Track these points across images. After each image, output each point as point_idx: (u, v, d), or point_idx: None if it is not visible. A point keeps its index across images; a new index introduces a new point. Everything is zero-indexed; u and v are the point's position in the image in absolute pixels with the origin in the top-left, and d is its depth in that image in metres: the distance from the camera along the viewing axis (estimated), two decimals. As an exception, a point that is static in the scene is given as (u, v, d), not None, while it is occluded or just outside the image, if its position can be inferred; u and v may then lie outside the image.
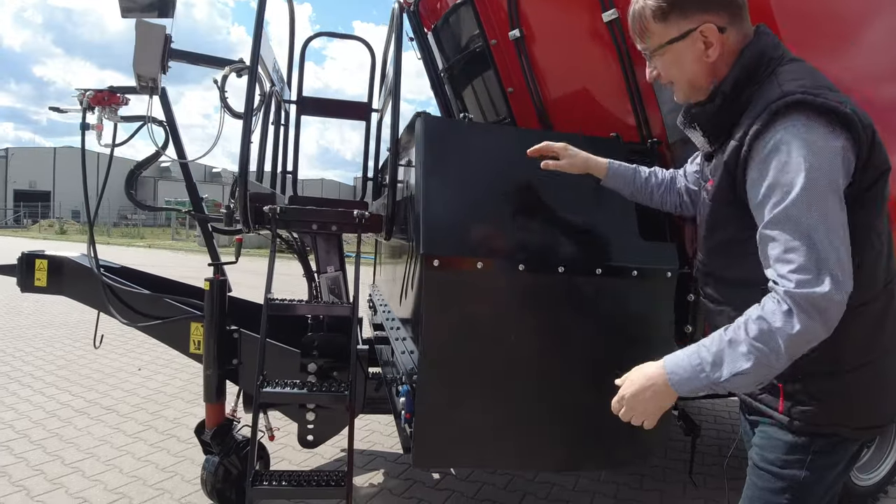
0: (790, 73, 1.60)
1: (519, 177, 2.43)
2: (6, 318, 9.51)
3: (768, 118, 1.52)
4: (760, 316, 1.45)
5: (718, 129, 1.73)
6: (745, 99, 1.65)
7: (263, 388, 2.79)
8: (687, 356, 1.55)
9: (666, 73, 1.79)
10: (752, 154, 1.55)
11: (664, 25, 1.70)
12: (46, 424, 4.87)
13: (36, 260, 3.71)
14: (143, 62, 2.89)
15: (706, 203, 1.79)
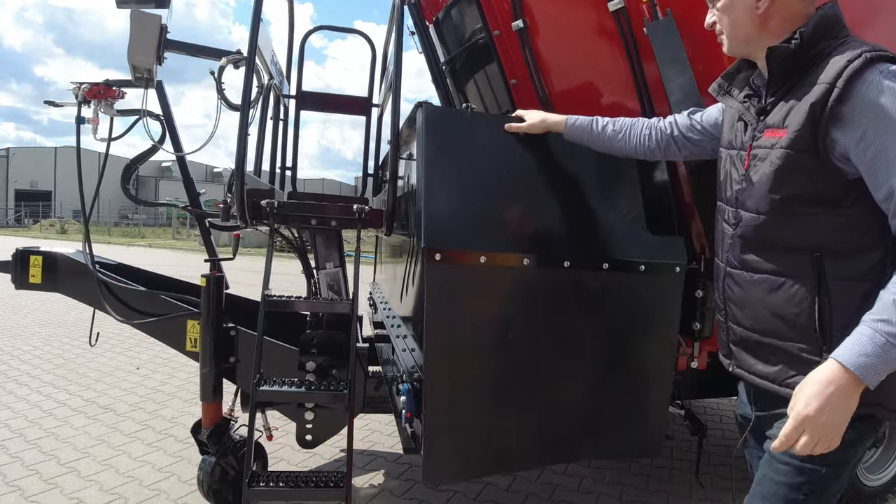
0: (866, 42, 1.59)
1: (523, 168, 2.37)
2: (5, 317, 9.47)
3: (865, 62, 1.48)
4: None
5: (788, 73, 1.67)
6: (820, 50, 1.62)
7: (260, 387, 2.73)
8: (867, 339, 1.38)
9: (720, 20, 1.79)
10: (849, 98, 1.48)
11: None
12: (42, 423, 4.81)
13: (31, 256, 3.65)
14: (137, 52, 2.83)
15: (771, 154, 1.65)
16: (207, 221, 3.52)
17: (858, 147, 1.48)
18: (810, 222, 1.60)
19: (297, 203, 2.98)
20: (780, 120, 1.64)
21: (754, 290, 1.74)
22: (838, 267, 1.58)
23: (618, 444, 2.55)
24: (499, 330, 2.28)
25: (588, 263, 2.30)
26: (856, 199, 1.54)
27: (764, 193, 1.67)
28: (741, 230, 1.77)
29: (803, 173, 1.59)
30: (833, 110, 1.50)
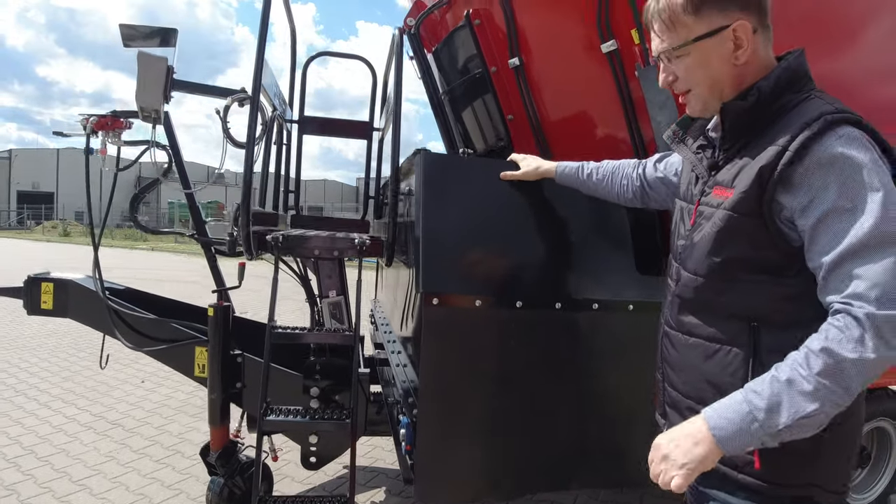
0: (833, 98, 1.50)
1: (516, 213, 2.47)
2: (10, 327, 9.57)
3: (824, 126, 1.39)
4: (825, 347, 1.29)
5: (743, 129, 1.57)
6: (781, 105, 1.52)
7: (267, 417, 2.84)
8: (732, 404, 1.37)
9: (686, 77, 1.62)
10: (801, 162, 1.39)
11: (695, 19, 1.55)
12: (53, 440, 4.92)
13: (42, 283, 3.76)
14: (145, 94, 2.94)
15: (716, 214, 1.57)
16: (213, 248, 3.63)
17: (804, 214, 1.40)
18: (750, 290, 1.53)
19: (301, 236, 3.08)
20: (729, 179, 1.56)
21: (690, 355, 1.68)
22: (775, 339, 1.49)
23: (610, 473, 2.65)
24: (493, 368, 2.38)
25: (578, 304, 2.40)
26: (800, 269, 1.46)
27: (704, 255, 1.62)
28: (680, 290, 1.72)
29: (746, 238, 1.51)
30: (782, 174, 1.42)
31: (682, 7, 1.55)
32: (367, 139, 4.46)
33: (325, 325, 3.24)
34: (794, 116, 1.47)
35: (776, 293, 1.50)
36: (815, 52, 1.69)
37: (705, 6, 1.53)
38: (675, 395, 1.74)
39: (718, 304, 1.60)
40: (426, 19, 3.76)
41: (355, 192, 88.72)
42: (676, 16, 1.56)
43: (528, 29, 3.10)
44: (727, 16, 1.53)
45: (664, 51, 1.62)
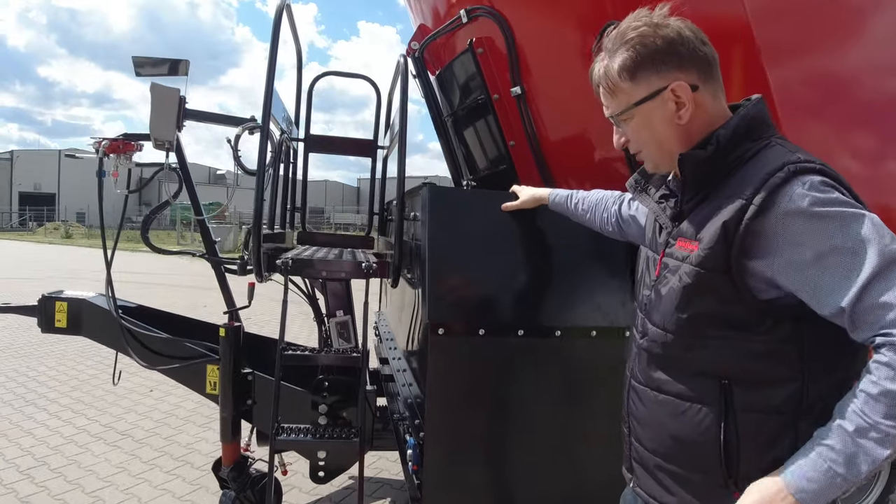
0: (797, 147, 1.48)
1: (517, 244, 2.59)
2: (17, 333, 9.66)
3: (788, 176, 1.36)
4: (883, 390, 1.21)
5: (702, 180, 1.56)
6: (740, 154, 1.51)
7: (279, 436, 2.95)
8: (809, 463, 1.28)
9: (635, 139, 1.65)
10: (769, 216, 1.37)
11: (632, 84, 1.56)
12: (65, 451, 5.02)
13: (56, 302, 3.86)
14: (159, 126, 3.04)
15: (681, 269, 1.55)
16: (223, 267, 3.73)
17: (790, 268, 1.36)
18: (720, 346, 1.49)
19: (309, 259, 3.18)
20: (693, 231, 1.53)
21: (658, 411, 1.64)
22: (747, 397, 1.47)
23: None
24: (497, 394, 2.50)
25: (577, 332, 2.51)
26: (770, 326, 1.43)
27: (671, 310, 1.58)
28: (647, 344, 1.68)
29: (713, 293, 1.48)
30: (749, 228, 1.39)
31: (618, 74, 1.57)
32: (371, 157, 4.56)
33: (333, 344, 3.33)
34: (755, 165, 1.46)
35: (746, 350, 1.46)
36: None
37: (641, 70, 1.54)
38: (643, 451, 1.71)
39: (687, 360, 1.57)
40: (430, 44, 3.85)
41: (356, 192, 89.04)
42: (615, 82, 1.58)
43: (530, 58, 3.20)
44: (664, 77, 1.53)
45: (610, 115, 1.66)
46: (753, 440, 1.46)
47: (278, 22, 3.01)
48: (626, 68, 1.55)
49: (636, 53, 1.53)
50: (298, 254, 3.46)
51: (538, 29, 3.19)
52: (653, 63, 1.53)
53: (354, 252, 4.08)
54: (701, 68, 1.54)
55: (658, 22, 1.54)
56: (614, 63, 1.57)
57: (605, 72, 1.60)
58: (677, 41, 1.52)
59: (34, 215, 59.65)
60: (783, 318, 1.43)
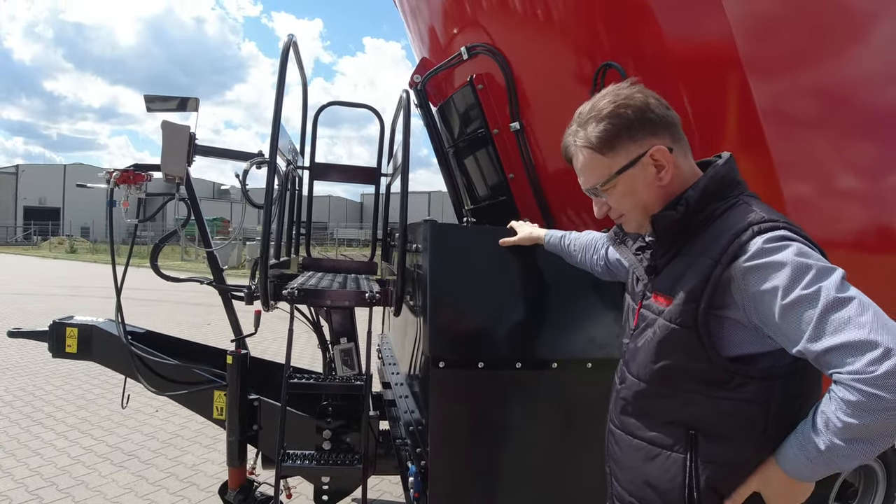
0: (763, 206, 1.59)
1: (516, 277, 2.68)
2: (23, 351, 9.70)
3: (753, 236, 1.47)
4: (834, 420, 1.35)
5: (675, 238, 1.66)
6: (709, 213, 1.61)
7: (285, 463, 3.04)
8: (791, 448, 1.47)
9: (618, 205, 1.72)
10: (735, 272, 1.47)
11: (612, 155, 1.64)
12: (72, 471, 5.10)
13: (66, 328, 3.95)
14: (170, 162, 3.15)
15: (655, 322, 1.66)
16: (230, 294, 3.82)
17: (759, 318, 1.46)
18: (688, 400, 1.58)
19: (314, 289, 3.28)
20: (668, 286, 1.64)
21: (632, 456, 1.74)
22: (713, 450, 1.57)
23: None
24: (498, 425, 2.58)
25: (574, 364, 2.60)
26: (737, 385, 1.53)
27: (645, 361, 1.68)
28: (623, 391, 1.79)
29: (683, 349, 1.57)
30: (716, 285, 1.50)
31: (597, 148, 1.65)
32: (374, 184, 4.66)
33: (337, 371, 3.42)
34: (723, 225, 1.56)
35: (713, 406, 1.56)
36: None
37: (618, 141, 1.63)
38: (620, 490, 1.81)
39: (659, 409, 1.67)
40: (432, 77, 3.96)
41: (360, 207, 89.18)
42: (593, 157, 1.66)
43: (529, 94, 3.30)
44: (641, 144, 1.62)
45: (591, 188, 1.74)
46: (714, 490, 1.57)
47: (285, 59, 3.12)
48: (603, 140, 1.64)
49: (612, 125, 1.62)
50: (304, 282, 3.56)
51: (535, 65, 3.28)
52: (629, 132, 1.62)
53: (358, 279, 4.18)
54: (671, 131, 1.66)
55: (627, 94, 1.65)
56: (591, 136, 1.65)
57: (584, 146, 1.68)
58: (647, 109, 1.63)
59: (39, 229, 59.90)
60: (750, 378, 1.53)
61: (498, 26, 3.46)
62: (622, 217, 1.76)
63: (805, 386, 1.56)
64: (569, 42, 3.13)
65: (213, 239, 3.82)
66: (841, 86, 3.01)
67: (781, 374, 1.53)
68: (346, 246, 46.32)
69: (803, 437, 1.44)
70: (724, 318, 1.53)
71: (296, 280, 3.70)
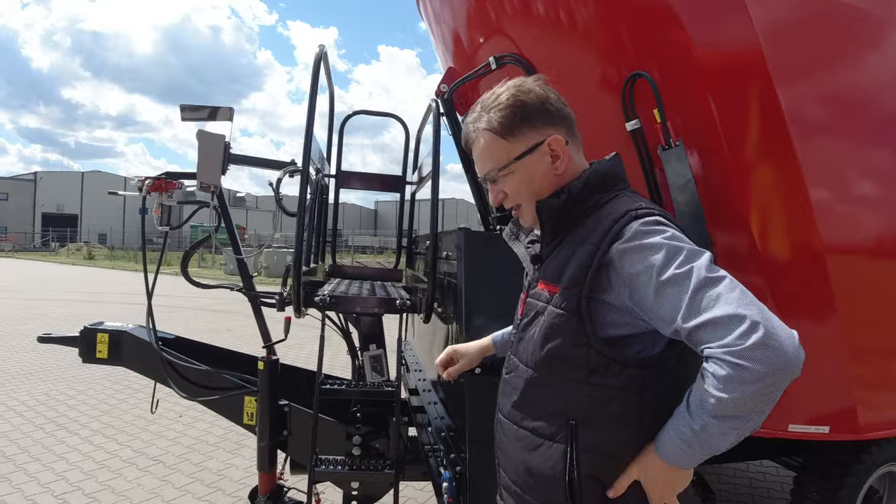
0: (643, 199, 1.68)
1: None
2: (45, 356, 9.80)
3: (629, 220, 1.55)
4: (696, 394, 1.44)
5: (559, 227, 1.72)
6: (592, 204, 1.68)
7: (317, 468, 3.06)
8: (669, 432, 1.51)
9: (514, 193, 1.76)
10: (613, 255, 1.54)
11: (513, 140, 1.70)
12: (98, 476, 5.15)
13: (97, 334, 4.00)
14: (206, 171, 3.19)
15: (544, 310, 1.70)
16: (259, 300, 3.85)
17: (633, 298, 1.52)
18: (570, 389, 1.61)
19: (344, 296, 3.31)
20: (553, 274, 1.69)
21: (516, 445, 1.76)
22: (592, 438, 1.59)
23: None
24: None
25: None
26: (615, 372, 1.57)
27: (533, 349, 1.70)
28: (512, 380, 1.82)
29: (568, 335, 1.60)
30: (597, 268, 1.55)
31: (497, 132, 1.71)
32: (399, 192, 4.70)
33: (367, 378, 3.45)
34: (603, 214, 1.63)
35: (591, 393, 1.59)
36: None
37: (518, 128, 1.69)
38: (507, 479, 1.84)
39: (542, 398, 1.69)
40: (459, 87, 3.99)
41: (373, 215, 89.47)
42: (494, 140, 1.72)
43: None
44: (540, 132, 1.69)
45: (489, 172, 1.77)
46: (595, 479, 1.60)
47: (317, 69, 3.16)
48: (505, 125, 1.70)
49: (512, 112, 1.69)
50: (333, 289, 3.60)
51: (564, 75, 3.30)
52: (529, 119, 1.69)
53: (385, 286, 4.21)
54: (567, 126, 1.74)
55: (529, 87, 1.73)
56: (494, 121, 1.71)
57: (484, 130, 1.73)
58: (547, 101, 1.72)
59: (57, 236, 60.50)
60: (625, 366, 1.57)
61: (525, 36, 3.49)
62: (518, 208, 1.80)
63: (680, 375, 1.61)
64: (596, 51, 3.16)
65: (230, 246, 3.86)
66: (868, 90, 3.02)
67: (655, 361, 1.58)
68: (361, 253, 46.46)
69: (678, 421, 1.48)
70: (601, 302, 1.58)
71: (325, 287, 3.73)
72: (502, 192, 1.78)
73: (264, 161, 3.49)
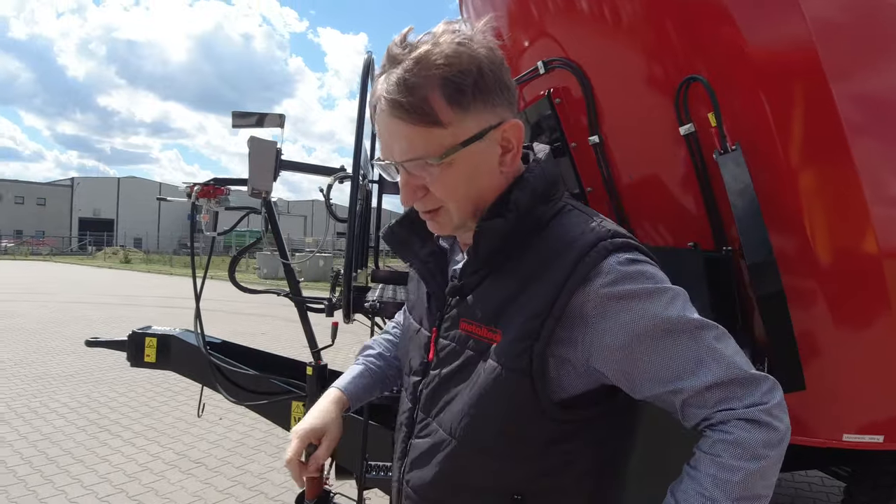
0: (593, 211, 1.29)
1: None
2: (85, 359, 9.90)
3: (604, 255, 1.16)
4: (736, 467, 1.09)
5: (499, 253, 1.25)
6: (535, 219, 1.24)
7: (369, 474, 3.06)
8: None
9: (444, 191, 1.22)
10: (583, 305, 1.15)
11: (463, 116, 1.16)
12: (141, 478, 5.20)
13: (145, 338, 4.05)
14: (258, 177, 3.21)
15: (474, 363, 1.26)
16: (306, 306, 3.87)
17: (604, 357, 1.17)
18: (515, 459, 1.26)
19: (394, 302, 3.31)
20: (486, 315, 1.24)
21: None
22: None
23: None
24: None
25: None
26: (569, 434, 1.24)
27: (457, 416, 1.27)
28: (423, 444, 1.36)
29: (513, 400, 1.21)
30: (562, 317, 1.16)
31: (444, 99, 1.14)
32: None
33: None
34: (556, 238, 1.22)
35: (542, 463, 1.25)
36: None
37: (476, 100, 1.16)
38: None
39: (474, 472, 1.29)
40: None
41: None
42: (433, 111, 1.14)
43: (606, 108, 3.29)
44: (496, 113, 1.19)
45: (414, 159, 1.19)
46: None
47: (366, 77, 3.17)
48: (458, 93, 1.15)
49: (478, 75, 1.16)
50: (381, 295, 3.60)
51: (613, 78, 3.27)
52: (490, 92, 1.18)
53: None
54: (515, 106, 1.26)
55: (480, 41, 1.19)
56: (433, 83, 1.14)
57: (420, 97, 1.14)
58: (502, 66, 1.22)
59: (93, 240, 61.67)
60: (579, 427, 1.24)
61: (571, 38, 3.45)
62: (437, 211, 1.27)
63: (617, 429, 1.32)
64: (646, 52, 3.12)
65: (262, 253, 3.89)
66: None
67: (603, 417, 1.26)
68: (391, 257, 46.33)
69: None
70: (558, 358, 1.19)
71: (372, 292, 3.74)
72: (422, 189, 1.23)
73: (315, 167, 3.51)
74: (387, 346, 1.77)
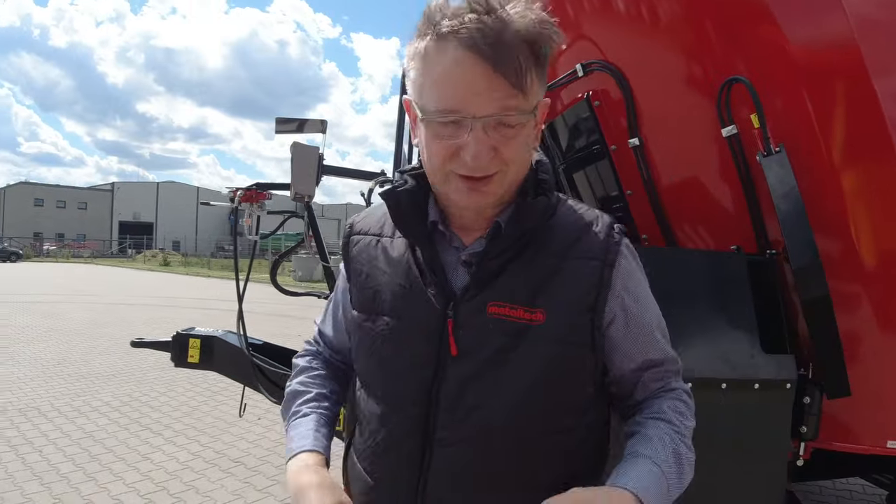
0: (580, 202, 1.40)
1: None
2: (127, 359, 10.13)
3: (622, 234, 1.29)
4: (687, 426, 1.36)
5: (534, 231, 1.25)
6: (556, 200, 1.31)
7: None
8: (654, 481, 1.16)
9: (512, 155, 1.17)
10: (615, 277, 1.25)
11: (536, 82, 1.15)
12: (182, 476, 5.30)
13: (189, 339, 4.12)
14: (301, 182, 3.26)
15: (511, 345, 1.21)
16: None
17: (612, 327, 1.27)
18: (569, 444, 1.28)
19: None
20: (524, 295, 1.21)
21: None
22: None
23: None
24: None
25: (708, 385, 2.54)
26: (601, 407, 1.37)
27: (513, 403, 1.21)
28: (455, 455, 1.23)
29: (576, 376, 1.25)
30: (603, 291, 1.23)
31: (532, 62, 1.13)
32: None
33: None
34: (572, 221, 1.29)
35: (587, 442, 1.32)
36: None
37: (544, 72, 1.19)
38: None
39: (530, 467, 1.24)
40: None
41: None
42: (522, 71, 1.11)
43: (646, 110, 3.27)
44: (543, 89, 1.21)
45: (507, 110, 1.13)
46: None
47: (404, 83, 3.19)
48: (542, 59, 1.16)
49: (550, 48, 1.17)
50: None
51: (653, 79, 3.25)
52: (545, 68, 1.19)
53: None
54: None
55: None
56: (528, 45, 1.12)
57: (514, 51, 1.10)
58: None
59: (133, 243, 62.86)
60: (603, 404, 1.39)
61: (609, 40, 3.44)
62: (492, 177, 1.18)
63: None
64: (685, 53, 3.10)
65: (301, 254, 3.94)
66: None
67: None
68: (425, 261, 46.10)
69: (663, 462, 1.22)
70: (599, 327, 1.27)
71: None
72: (492, 150, 1.14)
73: (356, 172, 3.55)
74: (316, 383, 1.57)
